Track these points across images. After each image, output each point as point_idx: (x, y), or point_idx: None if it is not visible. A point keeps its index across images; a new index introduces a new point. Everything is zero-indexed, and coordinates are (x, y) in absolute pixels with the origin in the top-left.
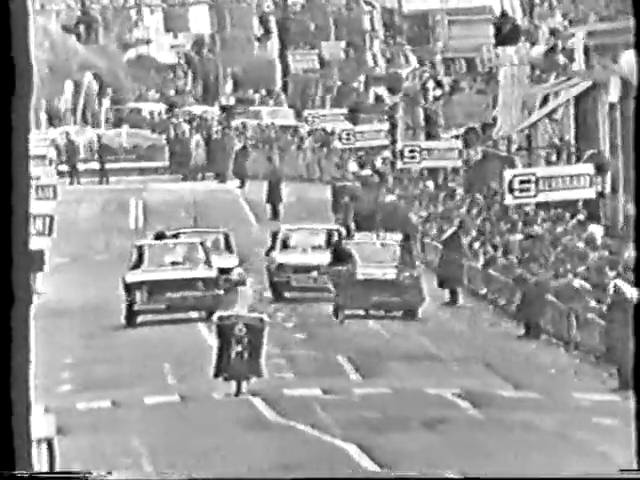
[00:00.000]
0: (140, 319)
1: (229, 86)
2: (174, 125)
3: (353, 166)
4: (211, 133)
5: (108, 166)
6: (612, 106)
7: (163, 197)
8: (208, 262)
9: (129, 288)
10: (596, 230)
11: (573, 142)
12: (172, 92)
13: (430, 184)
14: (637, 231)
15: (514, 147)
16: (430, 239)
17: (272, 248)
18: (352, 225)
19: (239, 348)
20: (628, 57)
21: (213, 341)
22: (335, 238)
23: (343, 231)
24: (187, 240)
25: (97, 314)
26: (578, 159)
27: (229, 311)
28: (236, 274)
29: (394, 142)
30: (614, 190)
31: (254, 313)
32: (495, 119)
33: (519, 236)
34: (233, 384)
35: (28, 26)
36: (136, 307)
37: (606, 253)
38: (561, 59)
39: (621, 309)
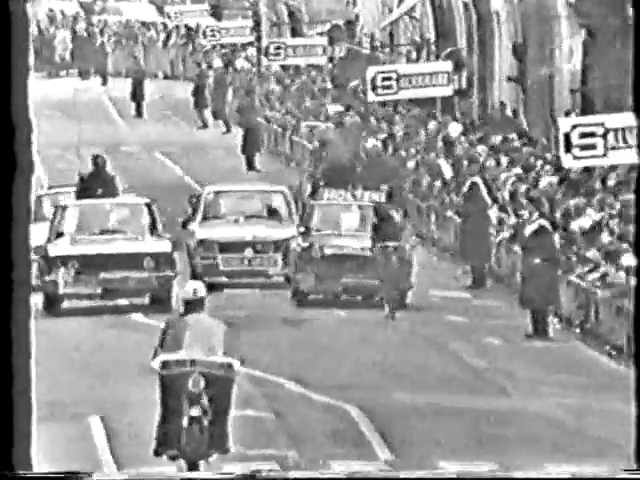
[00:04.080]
0: (65, 305)
1: None
2: (36, 21)
3: (218, 62)
4: (75, 29)
5: None
6: (466, 5)
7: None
8: (156, 230)
9: (51, 263)
10: (455, 128)
11: (432, 40)
12: None
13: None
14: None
15: (377, 44)
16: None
17: (192, 218)
18: (321, 180)
19: (195, 412)
20: None
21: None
22: (280, 203)
23: (289, 194)
24: (129, 201)
25: None
26: (437, 57)
27: (178, 353)
28: (191, 289)
29: (259, 39)
30: (469, 87)
31: (216, 355)
32: (358, 16)
33: (379, 137)
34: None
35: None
36: (60, 290)
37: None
38: None
39: (475, 206)
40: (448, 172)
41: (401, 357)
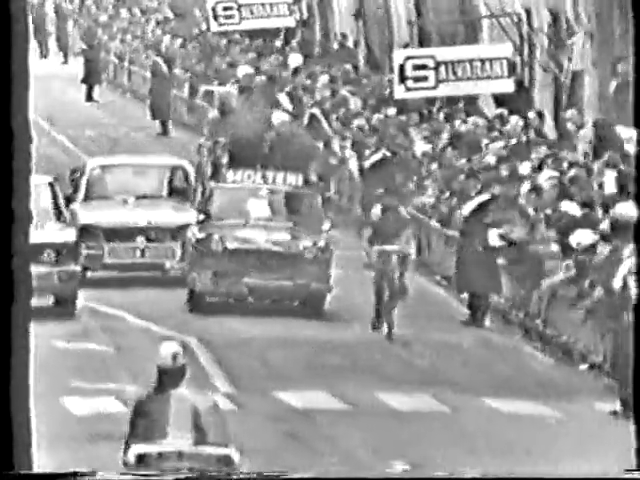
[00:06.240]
0: None
1: None
2: None
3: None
4: None
5: None
6: None
7: None
8: (62, 216)
9: None
10: (294, 59)
11: None
12: None
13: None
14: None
15: None
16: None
17: (73, 196)
18: (224, 159)
19: None
20: None
21: None
22: (178, 180)
23: (190, 169)
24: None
25: None
26: None
27: (159, 443)
28: (169, 353)
29: None
30: (310, 18)
31: (210, 445)
32: None
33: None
34: None
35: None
36: None
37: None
38: None
39: (316, 137)
40: (288, 105)
41: None
